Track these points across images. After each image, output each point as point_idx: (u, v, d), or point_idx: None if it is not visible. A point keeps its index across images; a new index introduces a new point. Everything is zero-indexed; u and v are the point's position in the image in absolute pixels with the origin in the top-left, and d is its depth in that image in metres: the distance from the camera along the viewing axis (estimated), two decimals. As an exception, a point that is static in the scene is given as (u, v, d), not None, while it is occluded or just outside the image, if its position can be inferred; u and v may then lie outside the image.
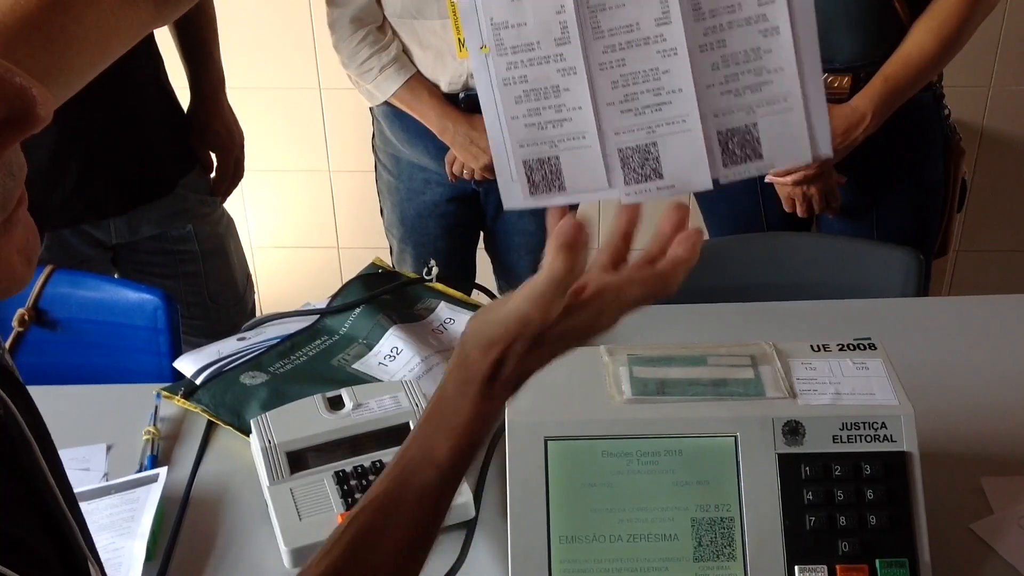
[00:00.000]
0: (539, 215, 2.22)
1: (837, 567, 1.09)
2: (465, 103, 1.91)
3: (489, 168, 1.91)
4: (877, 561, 1.09)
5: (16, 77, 0.45)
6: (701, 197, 2.06)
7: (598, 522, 1.12)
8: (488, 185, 2.00)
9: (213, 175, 2.02)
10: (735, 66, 0.78)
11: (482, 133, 1.88)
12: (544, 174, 0.83)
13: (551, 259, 0.76)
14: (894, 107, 1.78)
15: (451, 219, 2.07)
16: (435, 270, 1.64)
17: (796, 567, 1.09)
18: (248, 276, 2.13)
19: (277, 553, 1.19)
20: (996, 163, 2.78)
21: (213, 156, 2.01)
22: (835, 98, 1.80)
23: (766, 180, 1.86)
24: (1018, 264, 2.94)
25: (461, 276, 2.12)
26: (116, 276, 1.98)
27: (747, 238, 1.90)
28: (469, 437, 0.79)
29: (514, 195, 0.84)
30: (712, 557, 1.11)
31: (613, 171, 0.81)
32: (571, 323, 0.79)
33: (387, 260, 2.13)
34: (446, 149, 1.95)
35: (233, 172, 2.03)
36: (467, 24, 0.80)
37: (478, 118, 1.89)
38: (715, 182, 0.81)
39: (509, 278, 2.19)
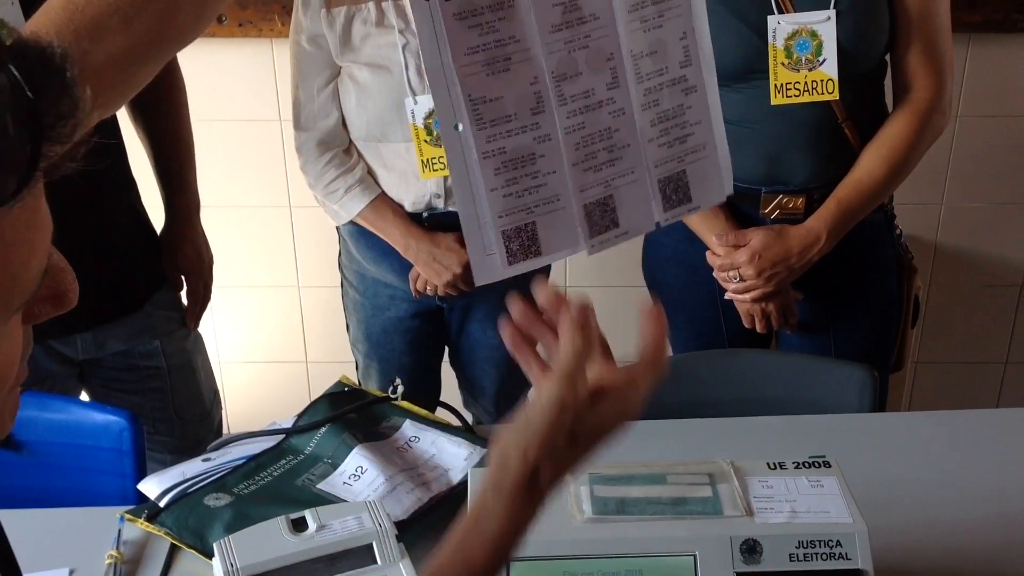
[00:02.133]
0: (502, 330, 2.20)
1: None
2: (429, 222, 1.96)
3: (452, 285, 1.95)
4: None
5: (68, 268, 0.54)
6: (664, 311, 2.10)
7: (561, 643, 1.12)
8: (452, 301, 2.03)
9: (183, 296, 2.04)
10: (667, 121, 0.87)
11: (445, 250, 1.92)
12: (521, 241, 0.87)
13: (568, 339, 0.81)
14: (847, 228, 1.84)
15: (415, 334, 2.10)
16: (401, 388, 1.66)
17: None
18: (215, 392, 2.14)
19: None
20: (951, 277, 2.85)
21: (183, 278, 2.04)
22: (790, 218, 1.86)
23: (725, 297, 1.91)
24: (977, 374, 2.99)
25: (426, 392, 2.14)
26: (82, 392, 1.98)
27: (708, 355, 1.94)
28: (507, 544, 0.82)
29: (491, 268, 0.89)
30: (673, 678, 1.11)
31: (579, 227, 0.88)
32: (599, 416, 0.83)
33: (353, 375, 2.15)
34: (410, 267, 1.99)
35: (203, 295, 2.06)
36: (440, 104, 0.84)
37: (441, 236, 1.94)
38: (657, 225, 0.89)
39: (474, 392, 2.21)
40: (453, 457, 1.54)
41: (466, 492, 1.22)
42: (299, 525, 1.32)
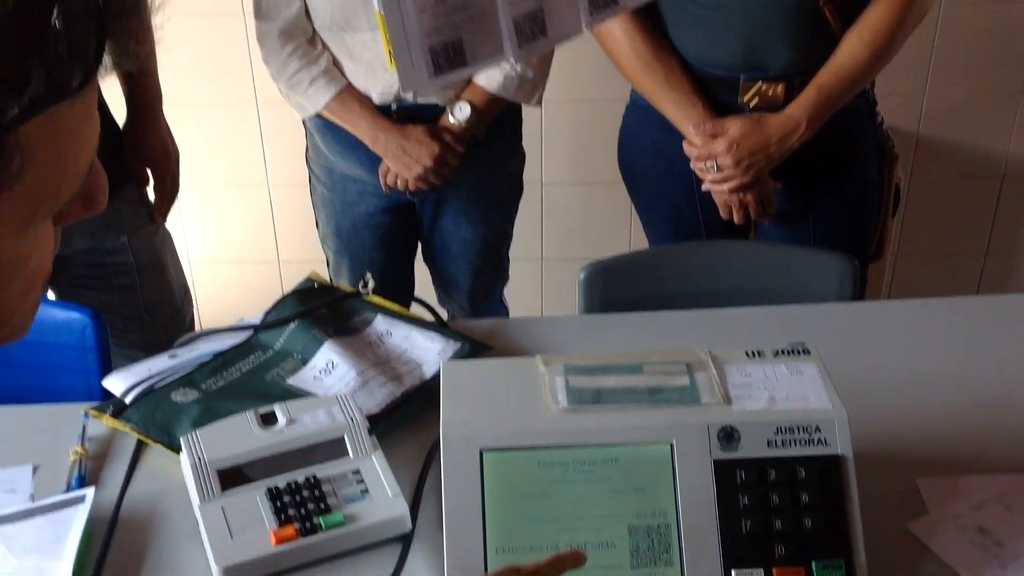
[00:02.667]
0: (476, 224, 2.19)
1: (774, 570, 1.09)
2: (397, 114, 1.90)
3: (423, 178, 1.90)
4: (813, 563, 1.09)
5: (102, 170, 0.57)
6: (640, 205, 2.06)
7: (535, 532, 1.11)
8: (423, 195, 1.99)
9: (151, 192, 1.99)
10: None
11: (414, 143, 1.87)
12: (447, 55, 0.93)
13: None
14: (828, 115, 1.80)
15: (386, 230, 2.05)
16: (371, 283, 1.62)
17: (733, 571, 1.09)
18: (186, 289, 2.10)
19: (209, 573, 1.17)
20: (932, 168, 2.82)
21: (149, 172, 1.98)
22: (769, 106, 1.81)
23: (703, 188, 1.87)
24: (956, 265, 2.98)
25: (400, 289, 2.10)
26: (48, 291, 1.93)
27: (685, 247, 1.91)
28: None
29: (416, 78, 0.94)
30: (649, 564, 1.10)
31: (508, 39, 0.93)
32: None
33: (325, 273, 2.11)
34: (379, 160, 1.93)
35: (170, 189, 2.00)
36: None
37: (410, 128, 1.88)
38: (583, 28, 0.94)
39: (448, 288, 2.17)
40: (426, 351, 1.51)
41: (439, 386, 1.20)
42: (268, 419, 1.30)
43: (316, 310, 1.56)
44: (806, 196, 1.92)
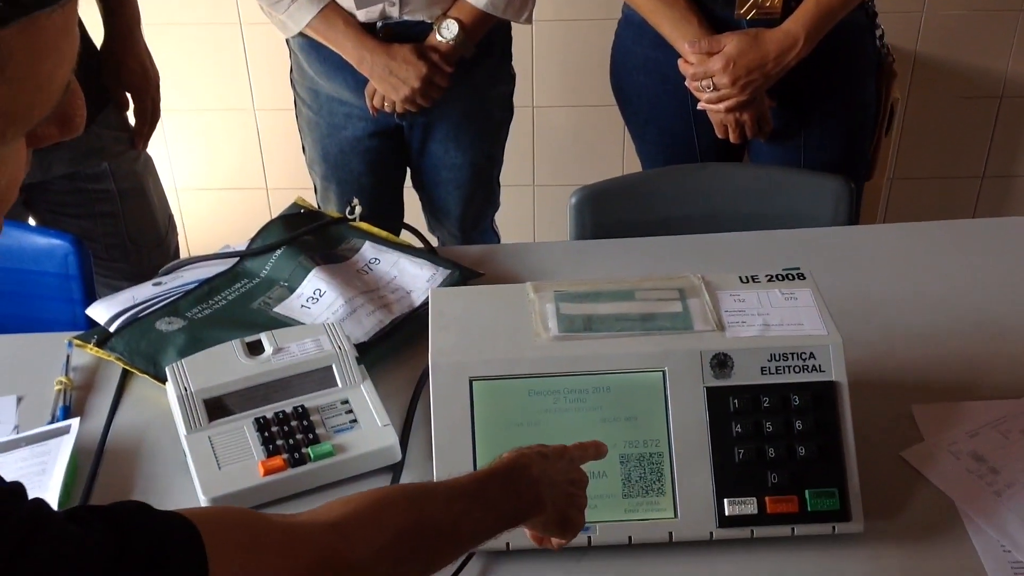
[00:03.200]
0: (465, 149, 2.15)
1: (766, 499, 1.08)
2: (383, 32, 1.85)
3: (410, 100, 1.85)
4: (806, 491, 1.08)
5: (79, 92, 0.55)
6: (633, 125, 2.02)
7: (525, 462, 1.09)
8: (411, 118, 1.94)
9: (131, 116, 1.94)
10: None
11: (401, 63, 1.82)
12: None
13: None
14: (826, 29, 1.75)
15: (375, 155, 2.01)
16: (358, 209, 1.59)
17: (725, 500, 1.08)
18: (170, 217, 2.06)
19: (196, 503, 1.16)
20: (929, 88, 2.77)
21: (128, 97, 1.93)
22: (767, 18, 1.76)
23: (698, 107, 1.83)
24: (952, 188, 2.95)
25: (389, 215, 2.07)
26: (29, 218, 1.90)
27: (677, 170, 1.87)
28: (522, 510, 0.92)
29: None
30: (641, 493, 1.09)
31: None
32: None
33: (313, 200, 2.07)
34: (366, 82, 1.88)
35: (151, 114, 1.96)
36: None
37: (397, 47, 1.83)
38: None
39: (438, 214, 2.14)
40: (415, 279, 1.49)
41: (427, 314, 1.17)
42: (255, 348, 1.28)
43: (303, 236, 1.53)
44: (800, 113, 1.87)
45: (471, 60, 1.89)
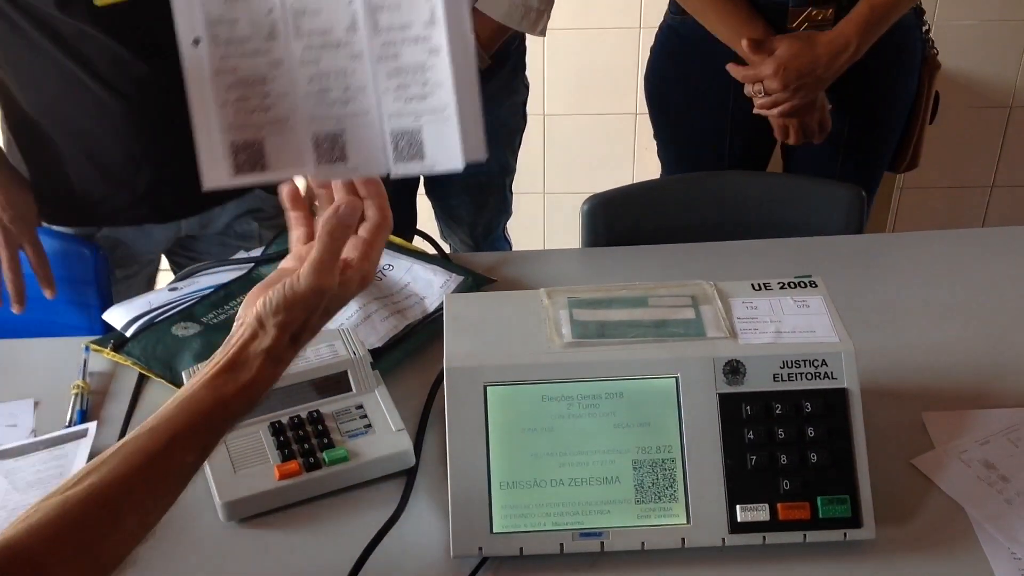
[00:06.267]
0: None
1: (779, 505, 1.08)
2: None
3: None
4: (818, 498, 1.08)
5: None
6: (663, 132, 2.01)
7: (539, 467, 1.10)
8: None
9: None
10: (406, 76, 0.90)
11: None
12: (249, 155, 0.92)
13: (326, 238, 0.90)
14: (880, 32, 1.74)
15: (389, 163, 2.02)
16: (373, 216, 1.60)
17: (738, 506, 1.08)
18: None
19: (212, 506, 1.17)
20: (939, 98, 2.77)
21: None
22: (818, 29, 1.76)
23: (754, 111, 1.82)
24: (963, 198, 2.95)
25: (402, 222, 2.08)
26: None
27: (688, 178, 1.88)
28: (256, 393, 0.93)
29: (218, 175, 0.92)
30: (654, 499, 1.10)
31: (307, 153, 0.92)
32: (345, 290, 0.94)
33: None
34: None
35: None
36: (181, 18, 0.89)
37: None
38: (388, 175, 0.92)
39: (450, 222, 2.15)
40: (428, 284, 1.50)
41: (441, 320, 1.18)
42: (270, 353, 1.29)
43: (317, 243, 1.54)
44: (846, 112, 1.87)
45: (486, 71, 1.90)
